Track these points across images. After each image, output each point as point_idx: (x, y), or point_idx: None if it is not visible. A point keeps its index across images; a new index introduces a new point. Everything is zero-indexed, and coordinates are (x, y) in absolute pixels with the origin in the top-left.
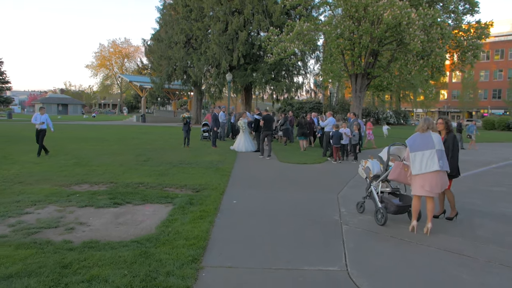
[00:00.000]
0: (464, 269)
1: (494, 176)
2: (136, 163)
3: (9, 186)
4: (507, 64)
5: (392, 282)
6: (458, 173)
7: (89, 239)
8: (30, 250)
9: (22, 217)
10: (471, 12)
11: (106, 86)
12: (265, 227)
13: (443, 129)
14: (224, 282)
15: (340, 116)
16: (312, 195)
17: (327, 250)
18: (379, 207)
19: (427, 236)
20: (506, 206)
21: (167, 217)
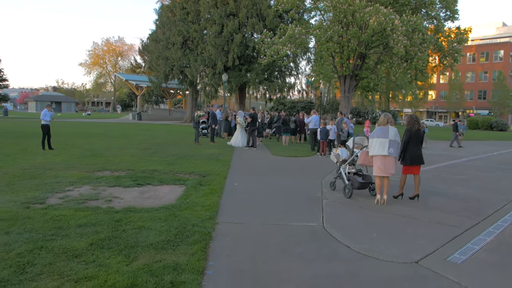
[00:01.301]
0: (408, 225)
1: (461, 167)
2: (145, 155)
3: (43, 172)
4: (492, 66)
5: (353, 232)
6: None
7: (127, 206)
8: (86, 212)
9: (66, 193)
10: (452, 18)
11: (100, 84)
12: (261, 201)
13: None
14: (233, 230)
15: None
16: (300, 181)
17: (309, 214)
18: (347, 184)
19: (386, 206)
20: (460, 189)
21: (183, 193)
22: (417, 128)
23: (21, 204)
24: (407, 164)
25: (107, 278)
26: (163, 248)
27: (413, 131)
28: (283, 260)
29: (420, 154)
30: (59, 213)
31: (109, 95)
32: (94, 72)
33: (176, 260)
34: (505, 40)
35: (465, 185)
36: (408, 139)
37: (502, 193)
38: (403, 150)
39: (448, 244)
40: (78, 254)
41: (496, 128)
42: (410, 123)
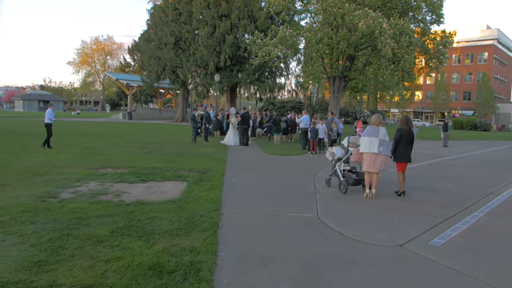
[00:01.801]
0: (394, 216)
1: (444, 165)
2: (143, 153)
3: (49, 169)
4: (477, 68)
5: (345, 222)
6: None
7: (136, 200)
8: (100, 205)
9: (76, 188)
10: (437, 22)
11: (88, 83)
12: (259, 195)
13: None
14: (237, 220)
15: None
16: (294, 177)
17: (304, 206)
18: (341, 180)
19: (374, 199)
20: (441, 184)
21: (186, 188)
22: (408, 128)
23: (36, 198)
24: (397, 161)
25: (133, 259)
26: (177, 234)
27: (404, 131)
28: (285, 244)
29: (408, 153)
30: (75, 206)
31: (98, 94)
32: (83, 71)
33: (191, 244)
34: (489, 42)
35: (447, 181)
36: (398, 138)
37: (480, 188)
38: (395, 148)
39: (429, 231)
40: (102, 240)
41: (480, 128)
42: (401, 124)
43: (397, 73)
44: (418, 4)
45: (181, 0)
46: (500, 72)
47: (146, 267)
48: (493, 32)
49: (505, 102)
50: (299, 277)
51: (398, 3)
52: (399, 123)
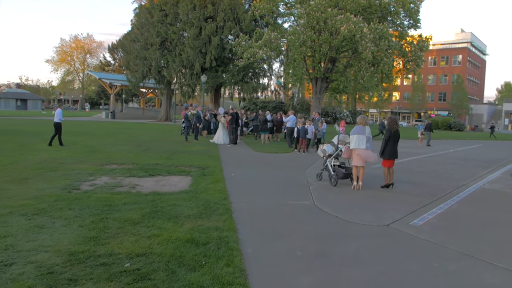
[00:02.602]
0: (380, 203)
1: (421, 162)
2: (140, 151)
3: (58, 165)
4: (451, 69)
5: (338, 208)
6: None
7: (151, 191)
8: (122, 195)
9: (92, 182)
10: (414, 27)
11: (67, 82)
12: (259, 187)
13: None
14: (245, 207)
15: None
16: (286, 172)
17: (301, 196)
18: (332, 174)
19: (361, 190)
20: (418, 178)
21: (193, 182)
22: (396, 128)
23: (62, 190)
24: (386, 158)
25: (170, 235)
26: (200, 217)
27: (393, 131)
28: (291, 224)
29: (396, 151)
30: (100, 196)
31: (76, 93)
32: (62, 69)
33: (214, 224)
34: (463, 45)
35: (424, 176)
36: (388, 138)
37: (453, 181)
38: (384, 147)
39: (410, 215)
40: (138, 222)
41: (454, 128)
42: (390, 124)
43: (377, 75)
44: (396, 10)
45: (167, 2)
46: (474, 74)
47: (183, 241)
48: (467, 36)
49: (478, 103)
50: (308, 246)
51: (378, 8)
52: (388, 124)
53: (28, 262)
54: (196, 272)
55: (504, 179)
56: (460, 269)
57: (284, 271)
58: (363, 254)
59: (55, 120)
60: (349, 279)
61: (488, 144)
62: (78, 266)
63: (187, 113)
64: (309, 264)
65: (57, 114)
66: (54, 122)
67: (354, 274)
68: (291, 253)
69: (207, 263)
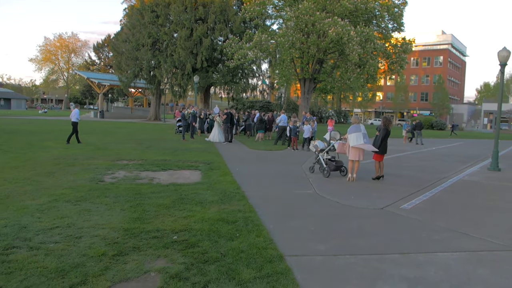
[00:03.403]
0: (373, 192)
1: (406, 158)
2: (143, 148)
3: (74, 161)
4: (433, 70)
5: (338, 196)
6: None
7: (169, 182)
8: (146, 186)
9: (112, 175)
10: (398, 30)
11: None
12: (264, 179)
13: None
14: (257, 195)
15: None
16: (284, 167)
17: (303, 186)
18: (325, 167)
19: (355, 182)
20: (405, 172)
21: (204, 175)
22: (390, 127)
23: (89, 182)
24: (381, 153)
25: (203, 215)
26: (222, 203)
27: (388, 130)
28: (300, 208)
29: (387, 147)
30: (126, 186)
31: (60, 92)
32: (46, 68)
33: (236, 208)
34: (444, 47)
35: (409, 170)
36: (384, 136)
37: (436, 174)
38: (380, 143)
39: (400, 201)
40: (170, 207)
41: (436, 128)
42: (385, 124)
43: (363, 76)
44: (381, 14)
45: (159, 4)
46: (454, 75)
47: (215, 220)
48: (448, 37)
49: (458, 103)
50: (318, 223)
51: (364, 12)
52: (384, 124)
53: (93, 236)
54: (234, 241)
55: (481, 172)
56: (443, 239)
57: (304, 240)
58: (364, 229)
59: (72, 119)
60: (357, 246)
61: (468, 143)
62: (135, 238)
63: (184, 112)
64: (322, 236)
65: (74, 114)
66: (71, 121)
67: (359, 243)
68: (306, 229)
69: (240, 235)
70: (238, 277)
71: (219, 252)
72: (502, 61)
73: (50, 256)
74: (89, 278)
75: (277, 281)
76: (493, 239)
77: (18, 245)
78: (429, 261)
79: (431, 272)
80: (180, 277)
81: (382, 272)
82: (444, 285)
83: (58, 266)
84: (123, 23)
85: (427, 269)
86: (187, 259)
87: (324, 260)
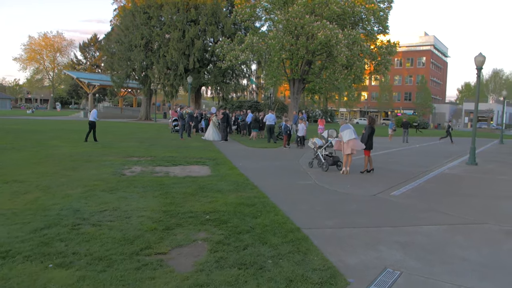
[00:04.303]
0: (365, 183)
1: (392, 154)
2: (147, 147)
3: (89, 157)
4: (416, 71)
5: (335, 185)
6: (371, 147)
7: (184, 175)
8: (165, 178)
9: (130, 169)
10: (383, 32)
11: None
12: (267, 173)
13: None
14: (265, 185)
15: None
16: (282, 162)
17: (303, 178)
18: (323, 162)
19: (349, 174)
20: (392, 166)
21: (212, 169)
22: (374, 125)
23: (113, 175)
24: (368, 149)
25: (225, 201)
26: (237, 191)
27: (373, 128)
28: (305, 196)
29: (372, 143)
30: (148, 178)
31: (45, 92)
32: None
33: (251, 194)
34: (426, 48)
35: (396, 164)
36: (370, 133)
37: (419, 168)
38: (367, 140)
39: (389, 189)
40: (194, 194)
41: (419, 127)
42: (371, 122)
43: (350, 77)
44: (367, 17)
45: (151, 5)
46: (436, 75)
47: (237, 203)
48: (430, 39)
49: (440, 102)
50: (323, 206)
51: (351, 15)
52: (370, 122)
53: (139, 216)
54: (258, 219)
55: (460, 166)
56: (426, 216)
57: (314, 218)
58: (362, 210)
59: (90, 119)
60: (357, 222)
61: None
62: (175, 218)
63: (182, 112)
64: (328, 215)
65: (92, 114)
66: (89, 120)
67: (359, 220)
68: (313, 210)
69: (261, 214)
70: (269, 242)
71: (248, 226)
72: (478, 65)
73: (113, 230)
74: (151, 244)
75: (299, 244)
76: (466, 216)
77: (81, 223)
78: (416, 231)
79: (418, 238)
80: (223, 243)
81: (380, 238)
82: (428, 246)
83: (123, 237)
84: (113, 23)
85: (414, 236)
86: (224, 232)
87: (332, 231)
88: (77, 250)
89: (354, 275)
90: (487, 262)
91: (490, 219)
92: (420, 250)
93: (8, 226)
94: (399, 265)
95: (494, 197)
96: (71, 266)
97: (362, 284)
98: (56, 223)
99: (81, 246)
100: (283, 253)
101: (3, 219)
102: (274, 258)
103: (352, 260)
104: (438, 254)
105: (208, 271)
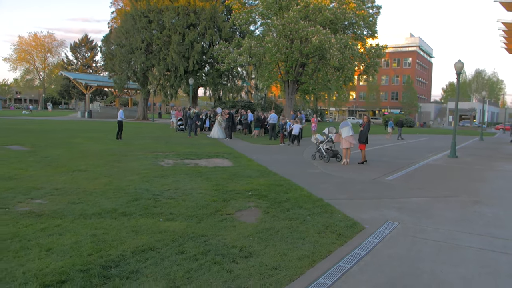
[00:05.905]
0: (364, 171)
1: (384, 149)
2: (163, 143)
3: (124, 152)
4: (402, 71)
5: (340, 173)
6: (367, 142)
7: (212, 166)
8: (199, 167)
9: (163, 162)
10: (372, 36)
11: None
12: (280, 164)
13: (366, 121)
14: (284, 172)
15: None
16: (289, 156)
17: (311, 167)
18: (325, 155)
19: (349, 165)
20: (385, 158)
21: (233, 161)
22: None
23: (154, 165)
24: (365, 143)
25: (258, 182)
26: (263, 176)
27: (370, 125)
28: (318, 180)
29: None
30: (185, 168)
31: (36, 92)
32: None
33: (276, 178)
34: (412, 49)
35: (387, 156)
36: (368, 129)
37: (408, 160)
38: (365, 135)
39: (384, 175)
40: (230, 179)
41: (406, 125)
42: (368, 120)
43: (341, 78)
44: (357, 23)
45: (152, 10)
46: (422, 75)
47: (268, 184)
48: (416, 40)
49: (426, 102)
50: (335, 186)
51: (342, 20)
52: (366, 120)
53: (198, 193)
54: (289, 194)
55: (442, 158)
56: (414, 193)
57: (330, 193)
58: (365, 189)
59: (118, 118)
60: (363, 196)
61: (434, 137)
62: (226, 194)
63: (189, 112)
64: (341, 192)
65: (120, 114)
66: (117, 120)
67: (364, 194)
68: (328, 189)
69: (290, 191)
70: (304, 206)
71: (284, 198)
72: (458, 71)
73: (186, 201)
74: (220, 209)
75: (326, 208)
76: (445, 192)
77: (159, 197)
78: (407, 201)
79: (409, 205)
80: (271, 207)
81: (381, 205)
82: (416, 209)
83: (197, 205)
84: (111, 25)
85: (406, 204)
86: (267, 202)
87: (347, 201)
88: (172, 211)
89: (367, 223)
90: (458, 218)
91: (463, 194)
92: (411, 211)
93: (107, 199)
94: (396, 219)
95: (469, 180)
96: (175, 220)
97: (374, 228)
98: (140, 197)
99: (172, 209)
100: (316, 212)
101: (99, 195)
102: (311, 215)
103: (364, 216)
104: (424, 213)
105: (269, 222)
